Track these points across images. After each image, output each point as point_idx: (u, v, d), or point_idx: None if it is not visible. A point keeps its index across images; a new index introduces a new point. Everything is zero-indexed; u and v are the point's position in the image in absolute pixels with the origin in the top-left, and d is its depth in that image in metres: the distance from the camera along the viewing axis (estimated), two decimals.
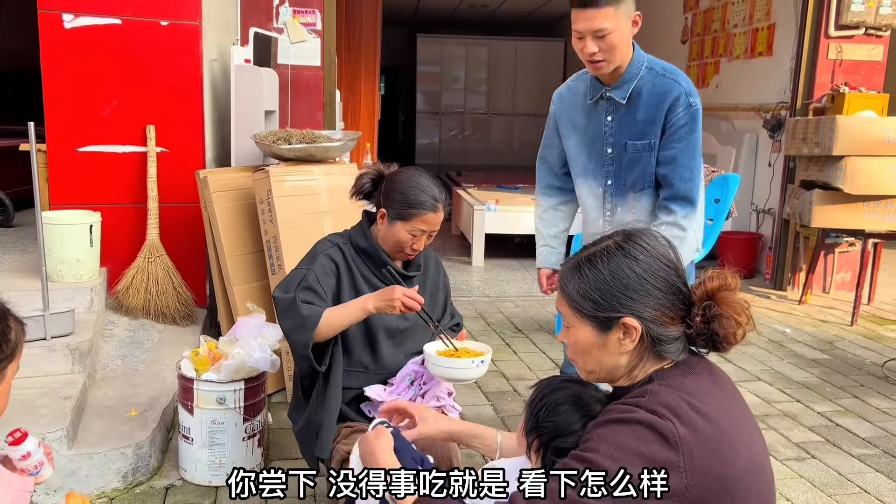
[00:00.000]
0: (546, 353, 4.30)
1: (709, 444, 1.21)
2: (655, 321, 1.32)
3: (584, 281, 1.35)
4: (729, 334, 1.30)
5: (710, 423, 1.23)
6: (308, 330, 2.02)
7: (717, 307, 1.31)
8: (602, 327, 1.34)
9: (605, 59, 2.29)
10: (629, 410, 1.25)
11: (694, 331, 1.33)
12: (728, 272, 1.35)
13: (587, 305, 1.34)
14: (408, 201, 2.11)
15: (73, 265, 3.38)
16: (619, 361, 1.35)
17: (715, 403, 1.28)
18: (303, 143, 3.59)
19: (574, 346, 1.39)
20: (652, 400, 1.25)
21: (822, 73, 5.71)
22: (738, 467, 1.24)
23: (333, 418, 2.12)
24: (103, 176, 3.69)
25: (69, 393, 2.75)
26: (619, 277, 1.32)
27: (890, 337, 4.89)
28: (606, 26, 2.22)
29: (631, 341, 1.32)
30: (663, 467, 1.18)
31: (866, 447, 3.22)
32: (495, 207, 6.55)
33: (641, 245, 1.35)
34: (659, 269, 1.33)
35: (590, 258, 1.36)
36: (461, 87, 13.14)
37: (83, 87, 3.60)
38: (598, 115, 2.47)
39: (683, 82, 2.34)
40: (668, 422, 1.21)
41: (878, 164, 4.97)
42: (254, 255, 3.57)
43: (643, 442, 1.20)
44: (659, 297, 1.32)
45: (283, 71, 4.61)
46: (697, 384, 1.31)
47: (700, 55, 7.69)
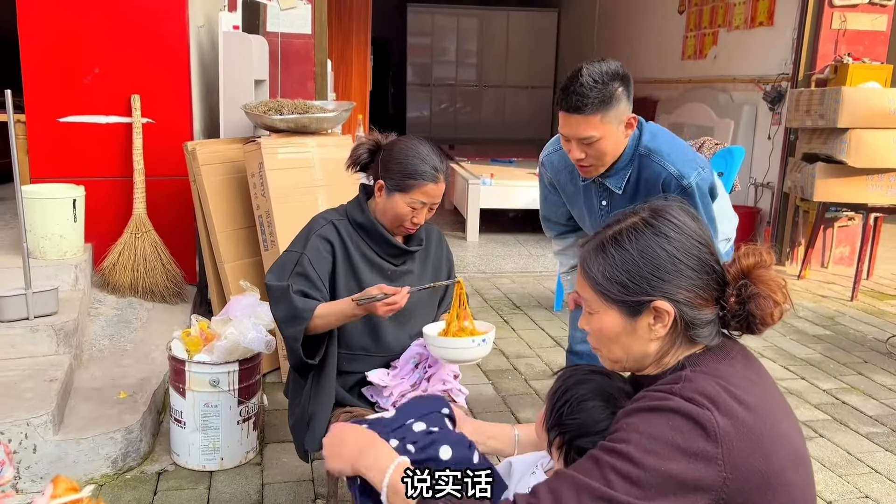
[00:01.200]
0: (545, 330, 4.21)
1: (749, 436, 1.10)
2: (689, 304, 1.20)
3: (609, 262, 1.22)
4: (766, 315, 1.20)
5: (750, 412, 1.13)
6: (299, 324, 1.91)
7: (754, 286, 1.19)
8: (631, 312, 1.22)
9: (593, 165, 2.16)
10: (663, 398, 1.13)
11: (728, 312, 1.22)
12: (763, 248, 1.24)
13: (614, 289, 1.22)
14: (407, 172, 1.98)
15: (56, 241, 3.24)
16: (648, 349, 1.23)
17: (754, 391, 1.17)
18: (295, 113, 3.45)
19: (599, 334, 1.27)
20: (687, 387, 1.13)
21: (824, 43, 5.59)
22: (780, 460, 1.14)
23: (326, 411, 2.02)
24: (86, 148, 3.53)
25: (54, 375, 2.63)
26: (650, 257, 1.20)
27: (890, 312, 4.84)
28: (593, 135, 2.07)
29: (663, 326, 1.21)
30: (701, 460, 1.08)
31: (874, 425, 3.17)
32: (490, 181, 6.42)
33: (672, 221, 1.23)
34: (692, 247, 1.21)
35: (615, 237, 1.24)
36: (452, 58, 12.92)
37: (63, 53, 3.43)
38: (591, 197, 2.35)
39: (671, 166, 2.17)
40: (706, 411, 1.09)
41: (882, 136, 4.88)
42: (245, 230, 3.44)
43: (679, 432, 1.09)
44: (692, 277, 1.20)
45: (272, 39, 4.43)
46: (733, 370, 1.19)
47: (698, 25, 7.53)
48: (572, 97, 2.04)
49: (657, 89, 8.19)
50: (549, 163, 2.46)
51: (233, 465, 2.62)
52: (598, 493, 1.08)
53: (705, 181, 2.22)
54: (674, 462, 1.08)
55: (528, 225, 6.88)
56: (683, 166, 2.19)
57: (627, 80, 2.10)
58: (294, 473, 2.61)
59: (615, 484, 1.08)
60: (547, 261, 5.81)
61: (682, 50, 7.89)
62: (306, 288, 1.96)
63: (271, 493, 2.48)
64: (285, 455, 2.72)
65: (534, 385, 3.45)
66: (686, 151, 2.25)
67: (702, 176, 2.21)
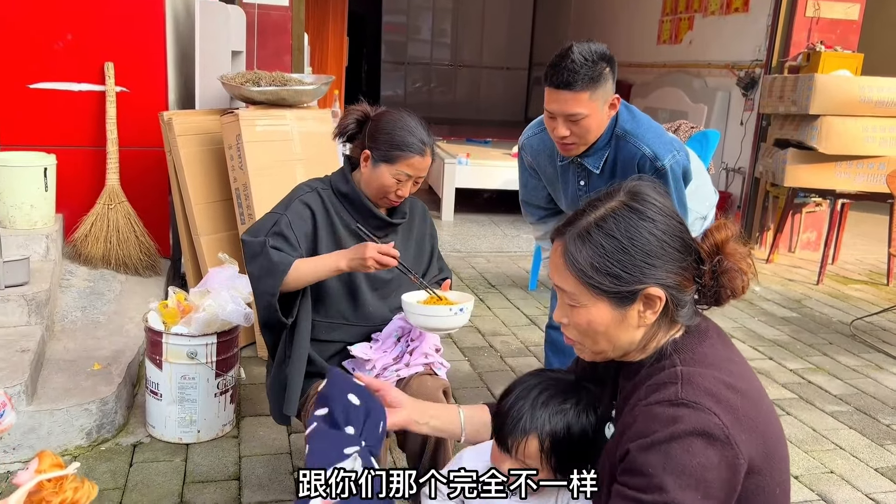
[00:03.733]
0: (521, 309, 4.24)
1: (750, 423, 1.12)
2: (677, 286, 1.18)
3: (598, 252, 1.16)
4: (737, 288, 1.20)
5: (745, 398, 1.14)
6: (277, 277, 1.90)
7: (726, 260, 1.19)
8: (623, 303, 1.17)
9: (576, 143, 2.18)
10: (672, 420, 1.09)
11: (704, 289, 1.21)
12: (727, 220, 1.24)
13: (606, 281, 1.16)
14: (394, 143, 1.98)
15: (26, 210, 3.17)
16: (634, 337, 1.20)
17: (740, 373, 1.18)
18: (273, 86, 3.40)
19: (585, 328, 1.21)
20: (688, 391, 1.11)
21: (798, 30, 5.67)
22: (772, 436, 1.17)
23: (300, 372, 2.01)
24: (58, 116, 3.44)
25: (26, 346, 2.58)
26: (640, 244, 1.15)
27: (854, 296, 4.97)
28: (581, 111, 2.08)
29: (653, 313, 1.18)
30: (725, 463, 1.08)
31: (838, 404, 3.26)
32: (466, 161, 6.42)
33: (653, 203, 1.19)
34: (675, 228, 1.19)
35: (599, 224, 1.17)
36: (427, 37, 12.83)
37: (34, 18, 3.33)
38: (570, 177, 2.36)
39: (646, 147, 2.20)
40: (713, 416, 1.09)
41: (852, 123, 4.98)
42: (222, 203, 3.40)
43: (701, 454, 1.07)
44: (678, 259, 1.18)
45: (249, 10, 4.35)
46: (716, 352, 1.20)
47: (674, 10, 7.58)
48: (563, 73, 2.05)
49: (632, 73, 8.24)
50: (529, 146, 2.48)
51: (209, 437, 2.60)
52: None
53: (679, 164, 2.26)
54: (714, 486, 1.08)
55: (502, 206, 6.90)
56: (659, 148, 2.22)
57: (613, 62, 2.13)
58: (272, 446, 2.60)
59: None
60: (522, 241, 5.84)
61: (657, 34, 7.94)
62: (283, 246, 1.94)
63: (249, 466, 2.47)
64: (262, 428, 2.71)
65: (509, 362, 3.48)
66: (662, 134, 2.28)
67: (676, 159, 2.24)
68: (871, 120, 5.03)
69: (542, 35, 12.53)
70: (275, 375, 2.08)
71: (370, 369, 2.06)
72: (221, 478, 2.40)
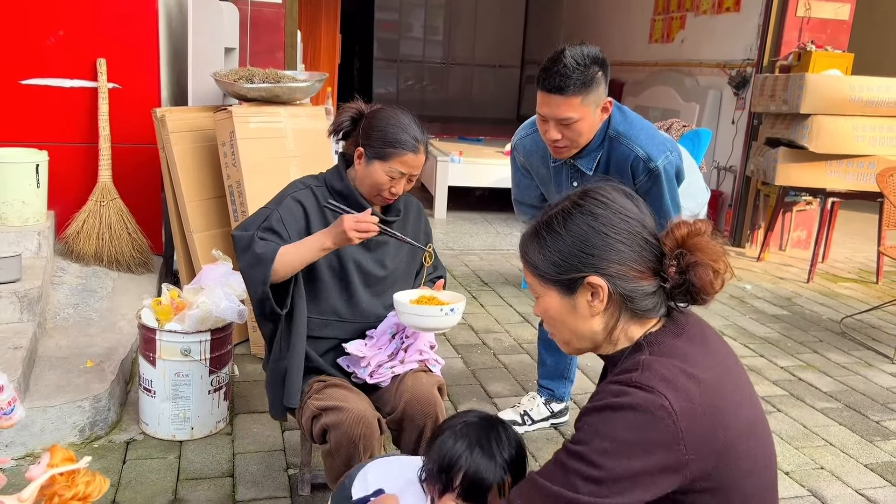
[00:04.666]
0: (513, 307, 4.25)
1: (706, 413, 1.15)
2: (623, 276, 1.23)
3: (542, 245, 1.28)
4: (706, 284, 1.21)
5: (706, 388, 1.17)
6: (265, 266, 1.90)
7: (691, 255, 1.21)
8: (567, 290, 1.26)
9: (567, 146, 2.19)
10: (620, 392, 1.16)
11: (670, 283, 1.24)
12: (698, 220, 1.27)
13: (549, 270, 1.27)
14: (387, 140, 1.98)
15: (18, 207, 3.15)
16: (592, 326, 1.27)
17: (709, 365, 1.21)
18: (267, 82, 3.39)
19: (546, 316, 1.32)
20: (644, 375, 1.16)
21: (789, 30, 5.70)
22: (736, 430, 1.19)
23: (299, 362, 2.01)
24: (50, 112, 3.42)
25: (18, 343, 2.57)
26: (578, 236, 1.24)
27: (844, 294, 5.01)
28: (572, 116, 2.10)
29: (600, 301, 1.24)
30: (661, 448, 1.12)
31: (829, 401, 3.29)
32: (459, 159, 6.42)
33: (598, 199, 1.27)
34: (619, 222, 1.24)
35: (547, 222, 1.29)
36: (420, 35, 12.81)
37: (26, 14, 3.31)
38: (563, 178, 2.38)
39: (640, 148, 2.21)
40: (661, 398, 1.13)
41: (842, 123, 5.01)
42: (215, 200, 3.39)
43: (636, 429, 1.13)
44: (623, 250, 1.23)
45: (241, 7, 4.35)
46: (691, 347, 1.23)
47: (666, 9, 7.60)
48: (555, 77, 2.06)
49: (624, 72, 8.26)
50: (522, 147, 2.49)
51: (203, 434, 2.60)
52: (565, 499, 1.13)
53: (672, 165, 2.27)
54: (634, 459, 1.12)
55: (495, 203, 6.91)
56: (652, 149, 2.23)
57: (606, 66, 2.14)
58: (265, 443, 2.60)
59: (580, 487, 1.13)
60: (514, 239, 5.85)
61: (649, 33, 7.97)
62: (272, 240, 1.94)
63: (243, 463, 2.47)
64: (256, 425, 2.71)
65: (502, 359, 3.49)
66: (655, 135, 2.29)
67: (669, 159, 2.25)
68: (861, 119, 5.07)
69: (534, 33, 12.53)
70: (273, 369, 2.08)
71: (365, 366, 2.06)
72: (215, 475, 2.40)
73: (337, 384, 2.03)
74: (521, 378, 3.30)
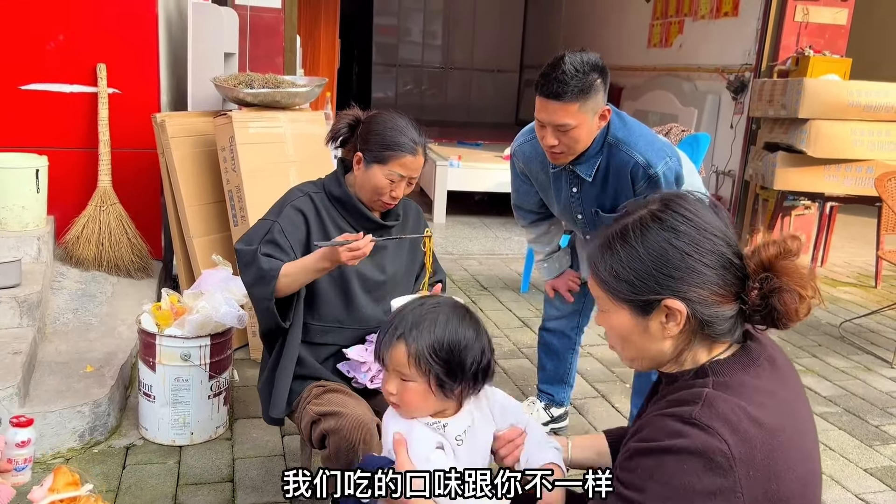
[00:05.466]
0: (513, 311, 4.25)
1: (764, 463, 1.07)
2: (703, 301, 1.13)
3: (616, 260, 1.17)
4: (790, 311, 1.12)
5: (768, 435, 1.08)
6: (268, 283, 1.90)
7: (777, 279, 1.12)
8: (641, 312, 1.17)
9: (564, 152, 2.19)
10: (676, 433, 1.07)
11: (749, 307, 1.15)
12: (788, 236, 1.16)
13: (622, 288, 1.17)
14: (385, 143, 1.98)
15: (18, 212, 3.15)
16: (662, 347, 1.19)
17: (776, 408, 1.12)
18: (266, 87, 3.40)
19: (612, 333, 1.24)
20: (705, 413, 1.08)
21: (787, 35, 5.72)
22: (793, 478, 1.11)
23: (288, 376, 2.02)
24: (50, 117, 3.43)
25: (18, 348, 2.57)
26: (657, 254, 1.14)
27: (843, 298, 5.01)
28: (569, 122, 2.10)
29: (676, 325, 1.15)
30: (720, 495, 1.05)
31: (828, 405, 3.29)
32: (458, 163, 6.43)
33: (682, 213, 1.15)
34: (704, 241, 1.14)
35: (622, 233, 1.18)
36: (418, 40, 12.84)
37: (25, 18, 3.32)
38: (562, 184, 2.38)
39: (639, 155, 2.21)
40: (721, 442, 1.05)
41: (840, 127, 5.02)
42: (215, 205, 3.39)
43: (695, 475, 1.05)
44: (706, 273, 1.13)
45: (241, 12, 4.35)
46: (758, 382, 1.14)
47: (664, 14, 7.63)
48: (553, 84, 2.07)
49: (622, 76, 8.28)
50: (521, 153, 2.50)
51: (203, 439, 2.60)
52: None
53: (672, 171, 2.27)
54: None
55: (494, 208, 6.92)
56: (651, 155, 2.23)
57: (606, 73, 2.15)
58: (265, 448, 2.60)
59: None
60: (513, 243, 5.86)
61: (648, 38, 7.99)
62: (275, 253, 1.94)
63: (242, 468, 2.47)
64: (256, 430, 2.71)
65: (502, 364, 3.49)
66: (654, 141, 2.30)
67: (668, 165, 2.25)
68: (859, 124, 5.08)
69: (533, 38, 12.56)
70: (266, 378, 2.08)
71: (366, 371, 2.06)
72: (215, 480, 2.39)
73: (336, 389, 2.03)
74: (521, 383, 3.30)
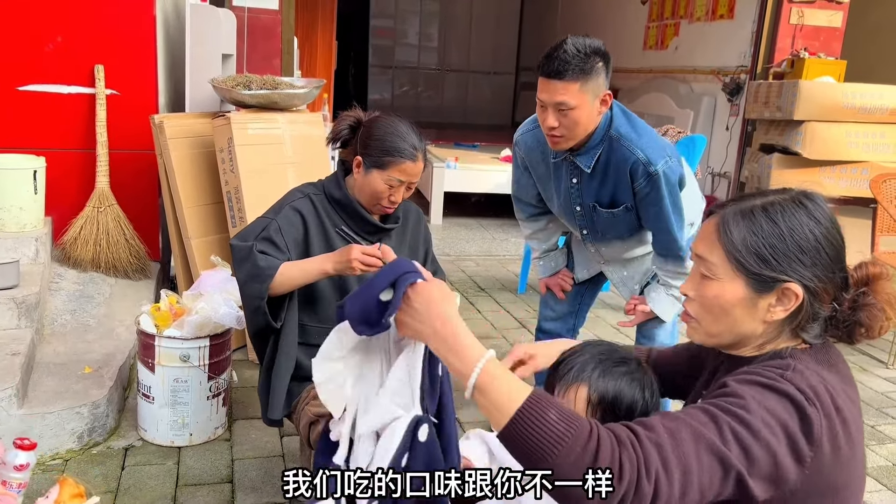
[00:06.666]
0: (510, 312, 4.26)
1: (837, 448, 1.10)
2: (816, 294, 1.16)
3: (756, 232, 1.16)
4: (874, 327, 1.18)
5: (844, 426, 1.11)
6: (263, 281, 1.90)
7: (871, 296, 1.18)
8: (759, 288, 1.16)
9: (564, 136, 2.19)
10: (776, 378, 1.09)
11: (838, 315, 1.19)
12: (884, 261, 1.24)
13: (752, 260, 1.16)
14: (385, 148, 1.98)
15: (15, 213, 3.15)
16: (756, 329, 1.19)
17: (849, 408, 1.14)
18: (265, 89, 3.40)
19: (711, 302, 1.20)
20: (797, 376, 1.10)
21: (782, 37, 5.75)
22: (850, 480, 1.15)
23: (285, 378, 2.02)
24: (47, 118, 3.42)
25: (17, 349, 2.57)
26: (798, 236, 1.15)
27: None
28: (569, 101, 2.11)
29: (784, 310, 1.16)
30: (794, 456, 1.06)
31: None
32: (455, 165, 6.44)
33: (823, 208, 1.18)
34: (834, 238, 1.17)
35: (766, 207, 1.17)
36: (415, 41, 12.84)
37: (23, 19, 3.32)
38: (562, 175, 2.39)
39: (640, 151, 2.22)
40: (815, 409, 1.07)
41: (836, 129, 5.05)
42: (213, 206, 3.39)
43: (792, 417, 1.06)
44: (828, 267, 1.16)
45: (238, 13, 4.35)
46: (834, 378, 1.16)
47: (660, 16, 7.65)
48: (554, 62, 2.08)
49: (619, 78, 8.29)
50: (523, 142, 2.50)
51: (202, 440, 2.60)
52: (714, 449, 1.03)
53: (673, 171, 2.27)
54: (781, 447, 1.06)
55: (490, 209, 6.93)
56: (652, 153, 2.23)
57: (608, 59, 2.16)
58: (264, 449, 2.60)
59: (731, 445, 1.04)
60: (510, 244, 5.87)
61: (644, 40, 8.01)
62: (271, 251, 1.94)
63: (241, 469, 2.47)
64: (254, 431, 2.71)
65: None
66: (657, 140, 2.30)
67: (669, 165, 2.26)
68: (854, 126, 5.11)
69: (529, 40, 12.57)
70: (263, 380, 2.08)
71: None
72: (214, 481, 2.40)
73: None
74: None
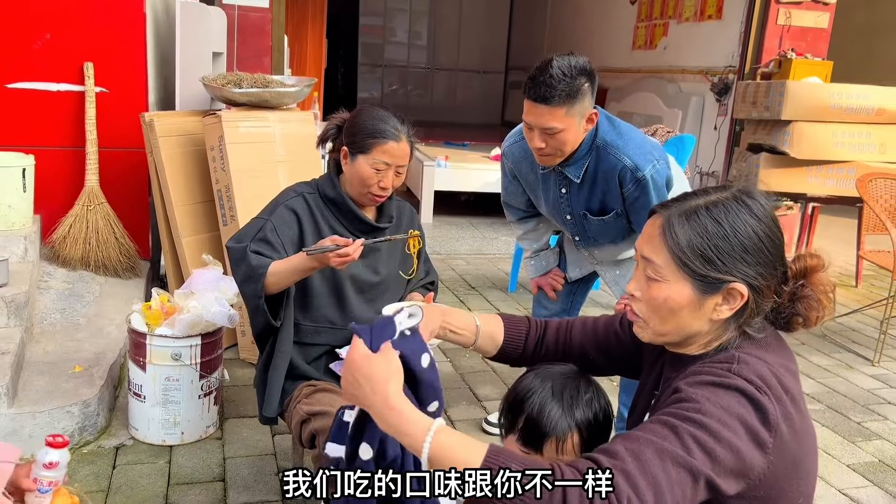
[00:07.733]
0: (500, 310, 4.28)
1: (792, 425, 1.12)
2: (760, 291, 1.17)
3: (700, 233, 1.16)
4: (811, 317, 1.20)
5: (794, 403, 1.13)
6: (256, 281, 1.91)
7: (809, 287, 1.20)
8: (705, 290, 1.17)
9: (552, 154, 2.21)
10: (725, 375, 1.11)
11: (778, 307, 1.21)
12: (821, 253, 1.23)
13: (698, 263, 1.16)
14: (366, 131, 1.98)
15: (4, 211, 3.13)
16: (702, 328, 1.21)
17: (792, 382, 1.16)
18: (255, 87, 3.40)
19: (658, 304, 1.21)
20: (744, 368, 1.12)
21: (770, 38, 5.79)
22: (808, 449, 1.18)
23: (280, 375, 2.02)
24: (36, 116, 3.41)
25: (6, 348, 2.56)
26: (741, 236, 1.16)
27: None
28: (556, 126, 2.11)
29: (729, 309, 1.18)
30: (757, 445, 1.08)
31: (811, 403, 3.34)
32: (445, 164, 6.44)
33: (763, 205, 1.19)
34: (775, 235, 1.18)
35: (709, 207, 1.17)
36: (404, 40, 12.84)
37: (11, 16, 3.30)
38: (551, 185, 2.40)
39: (627, 158, 2.23)
40: (765, 396, 1.09)
41: (822, 129, 5.09)
42: (203, 204, 3.39)
43: (747, 409, 1.08)
44: (770, 265, 1.18)
45: (228, 11, 4.34)
46: (773, 357, 1.19)
47: (649, 16, 7.69)
48: (541, 87, 2.08)
49: (607, 78, 8.33)
50: (511, 154, 2.52)
51: (193, 439, 2.60)
52: (680, 461, 1.04)
53: (660, 174, 2.28)
54: (742, 441, 1.07)
55: (480, 208, 6.93)
56: (639, 159, 2.24)
57: (593, 78, 2.16)
58: (256, 448, 2.60)
59: (695, 453, 1.04)
60: (500, 243, 5.88)
61: (632, 40, 8.05)
62: (265, 251, 1.95)
63: (233, 467, 2.47)
64: (246, 430, 2.71)
65: (490, 363, 3.51)
66: (643, 144, 2.31)
67: (657, 168, 2.27)
68: (840, 126, 5.15)
69: (518, 39, 12.60)
70: (260, 377, 2.09)
71: None
72: (206, 479, 2.39)
73: (326, 389, 2.04)
74: (510, 381, 3.30)
